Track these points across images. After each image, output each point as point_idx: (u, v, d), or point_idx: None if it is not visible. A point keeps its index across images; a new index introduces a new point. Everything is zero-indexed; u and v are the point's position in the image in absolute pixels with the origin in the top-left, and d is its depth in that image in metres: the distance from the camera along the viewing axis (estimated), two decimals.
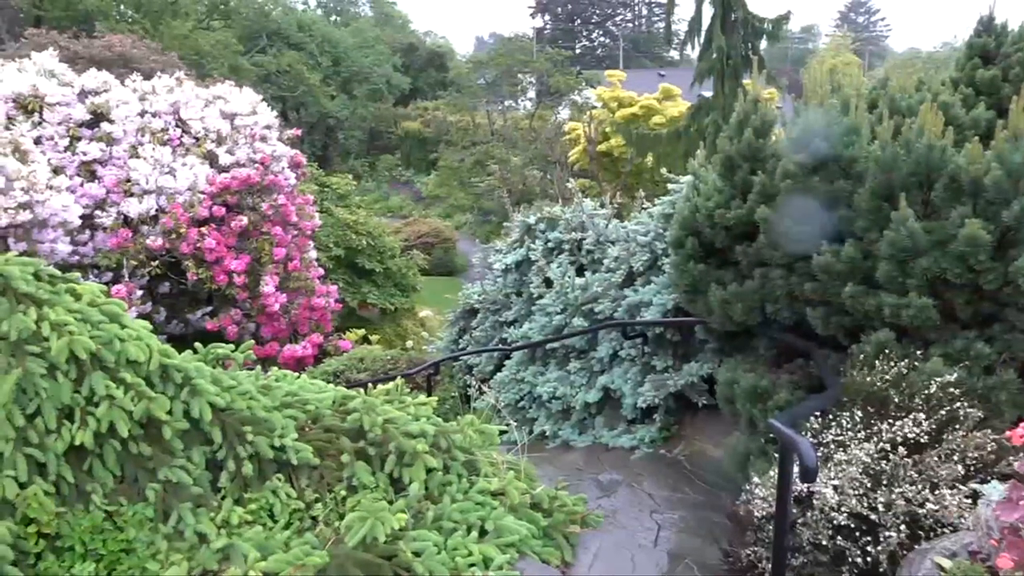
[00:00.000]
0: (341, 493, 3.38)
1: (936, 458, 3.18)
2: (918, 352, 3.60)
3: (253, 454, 3.30)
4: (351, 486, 3.42)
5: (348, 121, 35.31)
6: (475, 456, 3.85)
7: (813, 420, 3.52)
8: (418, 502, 3.41)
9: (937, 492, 3.05)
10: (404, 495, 3.42)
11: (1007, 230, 3.48)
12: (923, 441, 3.22)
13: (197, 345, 3.82)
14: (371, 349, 9.49)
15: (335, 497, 3.37)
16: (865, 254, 3.82)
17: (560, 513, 3.76)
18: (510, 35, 35.72)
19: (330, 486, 3.42)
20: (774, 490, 3.14)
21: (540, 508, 3.75)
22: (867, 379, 3.55)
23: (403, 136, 36.58)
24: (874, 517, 3.05)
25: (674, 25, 17.09)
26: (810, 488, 3.15)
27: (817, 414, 3.54)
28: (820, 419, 3.52)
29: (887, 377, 3.50)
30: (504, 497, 3.62)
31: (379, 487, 3.44)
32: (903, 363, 3.52)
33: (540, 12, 60.87)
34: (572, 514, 3.82)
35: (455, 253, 22.66)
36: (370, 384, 4.27)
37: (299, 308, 10.25)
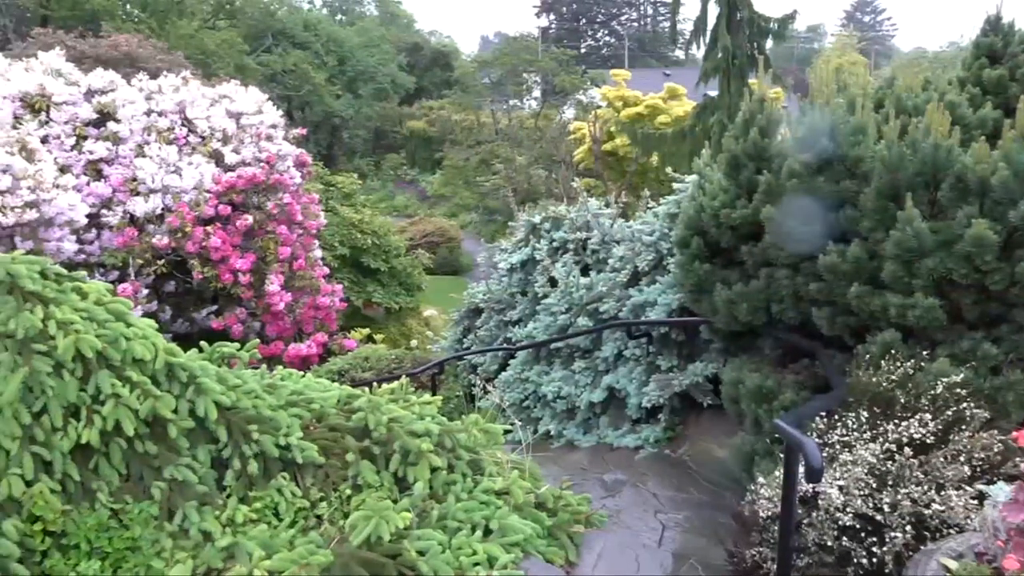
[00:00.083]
0: (346, 492, 3.38)
1: (942, 459, 3.17)
2: (924, 352, 3.59)
3: (258, 453, 3.31)
4: (356, 485, 3.43)
5: (353, 120, 35.35)
6: (479, 455, 3.85)
7: (818, 420, 3.51)
8: (422, 501, 3.42)
9: (943, 493, 3.04)
10: (408, 494, 3.42)
11: (1014, 230, 3.46)
12: (929, 442, 3.21)
13: (202, 344, 3.83)
14: (376, 348, 9.51)
15: (340, 496, 3.38)
16: (871, 254, 3.81)
17: (564, 513, 3.76)
18: (515, 34, 35.74)
19: (335, 485, 3.42)
20: (779, 490, 3.14)
21: (544, 508, 3.75)
22: (873, 379, 3.54)
23: (408, 135, 36.60)
24: (880, 518, 3.04)
25: (679, 24, 16.99)
26: (815, 488, 3.14)
27: (822, 414, 3.53)
28: (825, 419, 3.51)
29: (893, 377, 3.49)
30: (508, 496, 3.61)
31: (384, 486, 3.44)
32: (909, 363, 3.51)
33: (545, 11, 60.78)
34: (576, 514, 3.82)
35: (460, 252, 22.65)
36: (375, 383, 4.28)
37: (304, 307, 10.27)
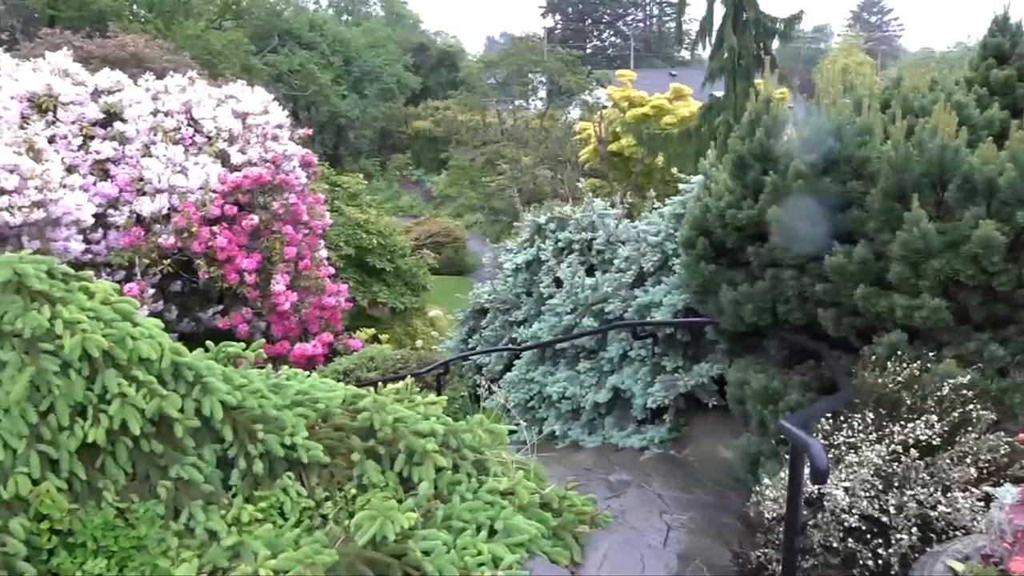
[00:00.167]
0: (351, 492, 3.39)
1: (948, 460, 3.16)
2: (931, 354, 3.57)
3: (264, 452, 3.32)
4: (361, 485, 3.43)
5: (359, 120, 35.42)
6: (485, 456, 3.85)
7: (824, 421, 3.50)
8: (428, 501, 3.42)
9: (949, 495, 3.03)
10: (414, 494, 3.42)
11: (1021, 231, 3.45)
12: (935, 443, 3.20)
13: (208, 343, 3.84)
14: (381, 348, 9.52)
15: (345, 496, 3.38)
16: (877, 255, 3.79)
17: (569, 513, 3.76)
18: (521, 35, 35.59)
19: (340, 485, 3.43)
20: (784, 491, 3.13)
21: (549, 508, 3.75)
22: (879, 381, 3.53)
23: (414, 135, 36.64)
24: (885, 519, 3.03)
25: (685, 25, 16.95)
26: (821, 490, 3.13)
27: (828, 416, 3.52)
28: (831, 421, 3.50)
29: (899, 379, 3.48)
30: (514, 497, 3.62)
31: (389, 486, 3.45)
32: (915, 365, 3.50)
33: (551, 12, 60.79)
34: (581, 514, 3.81)
35: (465, 252, 22.67)
36: (380, 383, 4.29)
37: (310, 307, 10.29)
